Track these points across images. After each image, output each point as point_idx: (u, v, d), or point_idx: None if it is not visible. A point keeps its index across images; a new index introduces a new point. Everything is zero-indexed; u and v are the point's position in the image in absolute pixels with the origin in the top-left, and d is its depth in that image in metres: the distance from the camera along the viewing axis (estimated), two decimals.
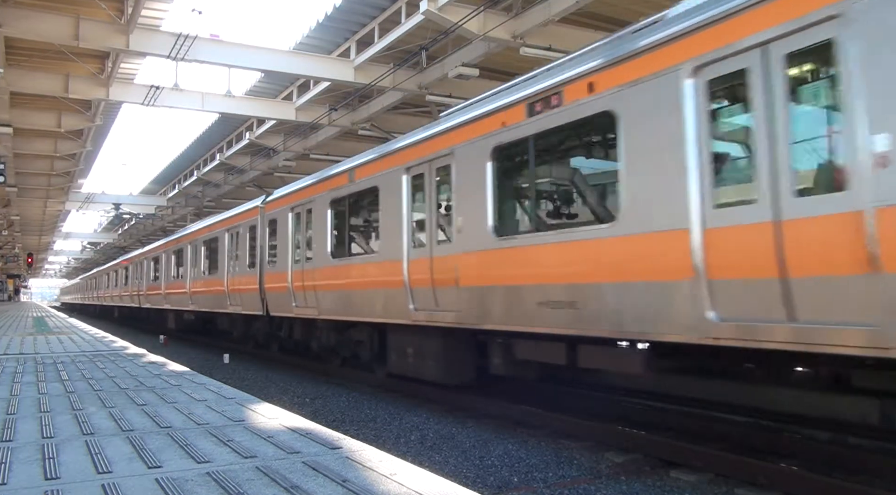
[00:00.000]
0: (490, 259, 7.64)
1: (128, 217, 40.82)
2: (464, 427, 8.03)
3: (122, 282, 34.70)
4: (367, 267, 10.33)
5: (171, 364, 9.51)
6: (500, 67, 16.35)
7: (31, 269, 78.35)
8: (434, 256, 8.67)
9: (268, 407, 5.71)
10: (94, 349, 12.14)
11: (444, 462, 6.49)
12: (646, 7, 13.11)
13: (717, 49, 5.27)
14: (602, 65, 6.28)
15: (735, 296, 5.08)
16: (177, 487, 3.37)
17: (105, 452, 4.12)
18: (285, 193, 13.78)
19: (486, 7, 12.58)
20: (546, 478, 5.88)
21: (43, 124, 21.87)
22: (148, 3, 14.09)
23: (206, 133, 26.09)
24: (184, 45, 14.79)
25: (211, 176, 30.68)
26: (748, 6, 5.06)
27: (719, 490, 5.54)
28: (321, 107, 19.74)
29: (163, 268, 24.66)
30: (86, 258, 73.20)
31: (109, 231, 52.87)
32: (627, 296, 5.90)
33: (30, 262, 59.07)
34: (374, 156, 10.33)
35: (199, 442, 4.38)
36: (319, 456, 3.97)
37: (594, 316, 6.23)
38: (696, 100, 5.40)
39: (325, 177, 11.92)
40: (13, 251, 61.98)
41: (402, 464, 3.78)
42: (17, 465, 3.84)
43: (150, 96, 18.31)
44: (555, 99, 6.78)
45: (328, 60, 16.92)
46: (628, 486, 5.64)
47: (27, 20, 14.09)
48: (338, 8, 15.01)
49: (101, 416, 5.35)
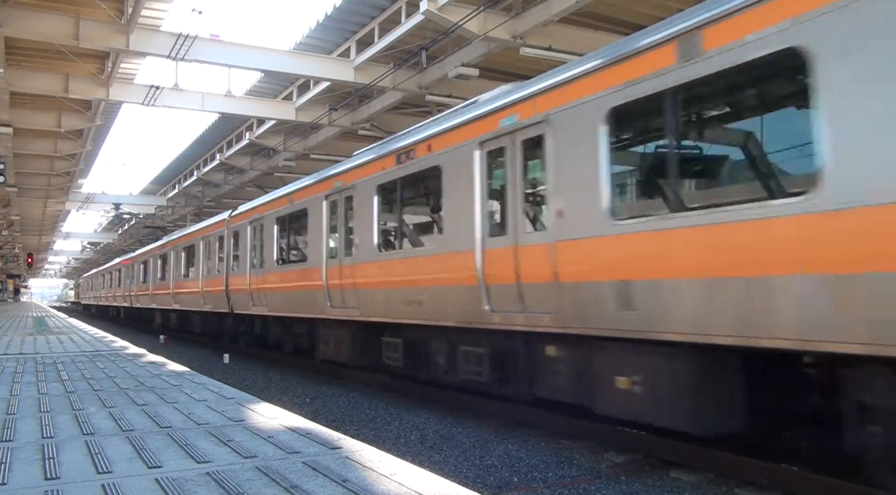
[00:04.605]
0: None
1: (128, 217, 40.80)
2: (464, 427, 8.03)
3: (119, 283, 35.90)
4: (300, 272, 12.69)
5: (170, 364, 9.51)
6: (500, 67, 16.34)
7: (31, 269, 78.35)
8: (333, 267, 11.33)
9: (268, 407, 5.71)
10: (94, 349, 12.14)
11: (444, 462, 6.49)
12: (645, 7, 13.12)
13: (491, 131, 7.59)
14: (435, 133, 8.67)
15: (499, 294, 7.32)
16: (177, 487, 3.37)
17: (105, 452, 4.12)
18: (245, 210, 16.34)
19: (486, 7, 12.57)
20: (546, 478, 5.88)
21: (43, 124, 21.88)
22: (148, 3, 14.09)
23: (206, 133, 26.09)
24: (184, 45, 14.79)
25: (211, 176, 30.67)
26: (502, 107, 7.40)
27: (719, 490, 5.55)
28: (321, 107, 19.74)
29: (150, 270, 27.47)
30: (86, 258, 73.26)
31: (109, 231, 52.89)
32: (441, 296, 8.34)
33: (30, 262, 59.03)
34: (300, 187, 13.03)
35: (199, 442, 4.38)
36: (319, 456, 3.97)
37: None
38: (481, 163, 7.75)
39: (271, 200, 14.65)
40: (13, 251, 61.97)
41: (402, 464, 3.78)
42: (17, 465, 3.84)
43: (150, 96, 18.31)
44: (411, 153, 9.17)
45: (328, 60, 16.92)
46: (628, 486, 5.64)
47: (27, 20, 14.09)
48: (338, 8, 15.01)
49: (101, 416, 5.35)
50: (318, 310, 11.73)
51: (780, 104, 5.90)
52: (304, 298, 12.31)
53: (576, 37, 13.82)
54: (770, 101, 5.92)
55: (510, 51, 14.12)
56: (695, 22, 5.38)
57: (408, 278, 9.07)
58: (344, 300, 10.74)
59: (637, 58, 5.88)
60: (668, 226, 5.50)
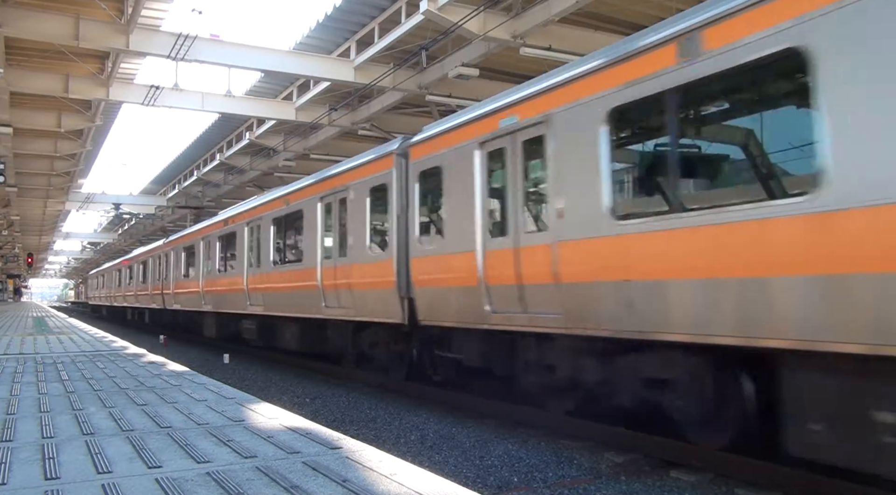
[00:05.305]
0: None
1: (128, 217, 40.76)
2: (464, 427, 8.03)
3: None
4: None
5: (170, 364, 9.51)
6: (500, 67, 16.35)
7: (31, 269, 78.35)
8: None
9: (268, 407, 5.71)
10: (94, 349, 12.14)
11: (444, 462, 6.49)
12: (645, 7, 13.12)
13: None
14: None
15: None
16: (177, 487, 3.37)
17: (105, 452, 4.12)
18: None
19: (486, 7, 12.58)
20: (546, 478, 5.88)
21: (43, 124, 21.88)
22: (148, 3, 14.09)
23: (206, 133, 26.08)
24: (184, 45, 14.78)
25: (211, 176, 30.67)
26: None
27: (719, 490, 5.55)
28: (321, 107, 19.74)
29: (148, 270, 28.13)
30: (86, 258, 73.29)
31: (109, 231, 52.89)
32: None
33: (30, 262, 59.05)
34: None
35: (199, 442, 4.38)
36: (319, 456, 3.97)
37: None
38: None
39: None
40: (13, 251, 61.98)
41: (402, 464, 3.78)
42: (17, 465, 3.84)
43: (150, 96, 18.31)
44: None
45: (328, 60, 16.91)
46: (628, 486, 5.64)
47: (27, 20, 14.09)
48: (338, 8, 15.01)
49: (101, 416, 5.35)
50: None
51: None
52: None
53: (576, 37, 13.82)
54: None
55: (510, 51, 14.12)
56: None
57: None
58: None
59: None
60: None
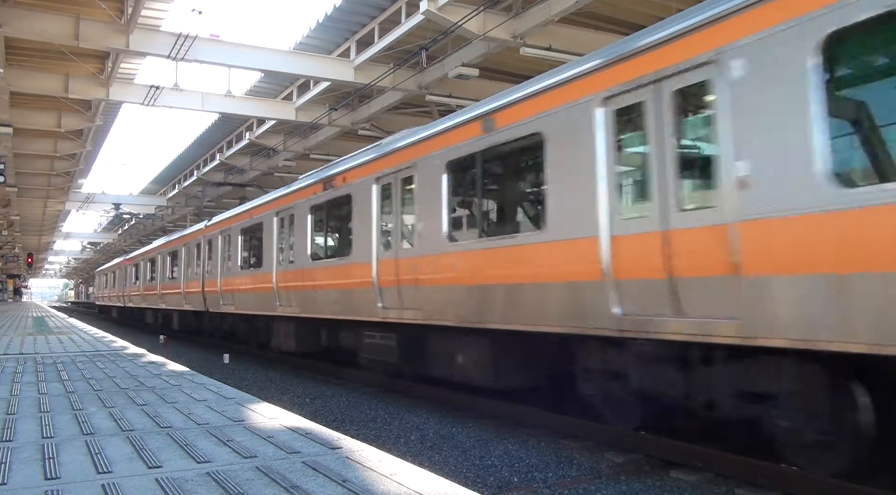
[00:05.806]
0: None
1: (128, 217, 40.78)
2: (464, 427, 8.03)
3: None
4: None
5: (170, 364, 9.51)
6: (500, 67, 16.35)
7: (31, 269, 78.36)
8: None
9: (268, 407, 5.71)
10: (94, 349, 12.14)
11: (444, 462, 6.49)
12: (645, 7, 13.12)
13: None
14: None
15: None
16: (177, 487, 3.37)
17: (105, 452, 4.12)
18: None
19: (486, 7, 12.58)
20: (546, 478, 5.88)
21: (43, 124, 21.88)
22: (148, 3, 14.09)
23: (206, 133, 26.09)
24: (184, 45, 14.79)
25: (211, 176, 30.65)
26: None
27: (719, 490, 5.54)
28: (321, 107, 19.75)
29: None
30: (86, 258, 73.29)
31: (109, 231, 52.89)
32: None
33: (30, 262, 59.10)
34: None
35: (199, 442, 4.37)
36: (319, 456, 3.97)
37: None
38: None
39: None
40: (13, 251, 62.00)
41: (402, 464, 3.78)
42: (17, 465, 3.83)
43: (150, 96, 18.31)
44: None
45: (328, 60, 16.92)
46: (628, 486, 5.64)
47: (27, 20, 14.08)
48: (338, 8, 15.01)
49: (101, 416, 5.34)
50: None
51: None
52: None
53: (576, 37, 13.82)
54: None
55: (510, 51, 14.12)
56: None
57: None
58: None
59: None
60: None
